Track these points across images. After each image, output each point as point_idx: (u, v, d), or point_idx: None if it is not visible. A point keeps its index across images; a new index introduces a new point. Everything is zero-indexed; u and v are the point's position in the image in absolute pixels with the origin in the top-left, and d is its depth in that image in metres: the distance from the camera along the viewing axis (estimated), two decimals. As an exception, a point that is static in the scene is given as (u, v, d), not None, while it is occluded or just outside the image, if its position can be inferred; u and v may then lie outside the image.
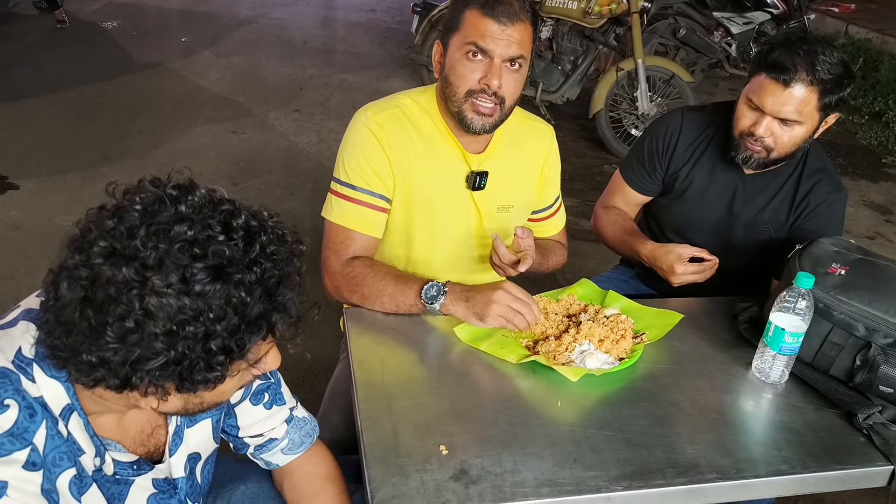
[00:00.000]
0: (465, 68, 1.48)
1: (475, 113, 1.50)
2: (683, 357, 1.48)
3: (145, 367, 0.81)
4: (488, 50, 1.46)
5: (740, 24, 5.37)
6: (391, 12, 8.38)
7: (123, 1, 7.37)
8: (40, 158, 3.96)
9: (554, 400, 1.31)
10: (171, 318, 0.79)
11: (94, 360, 0.81)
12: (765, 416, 1.36)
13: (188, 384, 0.84)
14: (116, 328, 0.79)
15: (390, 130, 1.56)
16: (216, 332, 0.81)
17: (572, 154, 4.70)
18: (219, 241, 0.81)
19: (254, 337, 0.85)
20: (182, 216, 0.82)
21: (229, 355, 0.83)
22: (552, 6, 4.78)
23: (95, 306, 0.79)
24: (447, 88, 1.52)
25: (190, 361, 0.81)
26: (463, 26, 1.48)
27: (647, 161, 1.90)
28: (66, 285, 0.81)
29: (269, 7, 8.02)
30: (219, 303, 0.80)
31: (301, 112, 5.10)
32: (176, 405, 0.92)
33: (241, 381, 0.95)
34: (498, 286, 1.45)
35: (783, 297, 1.38)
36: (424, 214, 1.62)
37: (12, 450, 0.85)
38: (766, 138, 1.64)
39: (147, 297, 0.78)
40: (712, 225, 1.86)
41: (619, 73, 4.56)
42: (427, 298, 1.46)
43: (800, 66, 1.56)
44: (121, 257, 0.79)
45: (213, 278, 0.79)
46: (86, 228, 0.83)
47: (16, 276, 2.92)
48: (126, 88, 5.17)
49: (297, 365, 2.50)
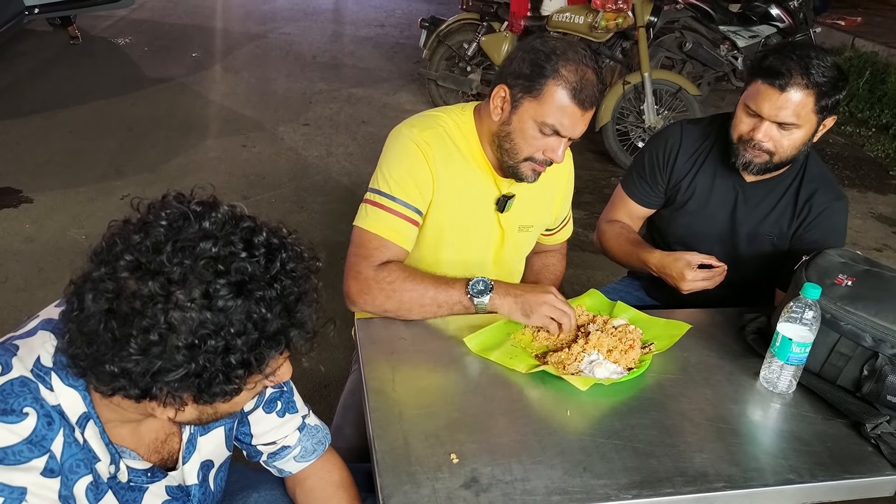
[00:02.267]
0: (537, 140, 1.52)
1: (531, 171, 1.57)
2: (691, 367, 1.49)
3: (165, 378, 0.83)
4: (563, 133, 1.50)
5: (746, 38, 5.38)
6: (399, 27, 8.45)
7: (135, 17, 7.46)
8: (54, 172, 4.01)
9: (563, 409, 1.32)
10: (193, 332, 0.81)
11: (115, 370, 0.83)
12: (773, 426, 1.37)
13: (206, 396, 0.86)
14: (140, 340, 0.81)
15: (436, 148, 1.58)
16: (236, 347, 0.83)
17: (579, 167, 4.66)
18: (241, 257, 0.83)
19: (272, 352, 0.87)
20: (206, 233, 0.84)
21: (248, 369, 0.85)
22: (559, 21, 4.81)
23: (120, 318, 0.81)
24: (507, 143, 1.55)
25: (209, 374, 0.83)
26: (546, 98, 1.47)
27: (648, 174, 1.92)
28: (90, 297, 0.83)
29: (279, 22, 8.10)
30: (240, 318, 0.82)
31: (310, 126, 5.14)
32: (191, 415, 0.94)
33: (254, 393, 0.97)
34: (548, 289, 1.53)
35: (790, 308, 1.39)
36: (453, 232, 1.65)
37: (31, 457, 0.87)
38: (765, 143, 1.66)
39: (171, 311, 0.81)
40: (715, 235, 1.87)
41: (626, 87, 4.58)
42: (475, 293, 1.51)
43: (794, 70, 1.59)
44: (146, 272, 0.81)
45: (234, 294, 0.82)
46: (111, 241, 0.85)
47: (29, 289, 2.96)
48: (138, 103, 5.23)
49: (309, 377, 2.52)
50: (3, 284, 2.98)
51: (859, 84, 6.21)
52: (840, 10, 7.80)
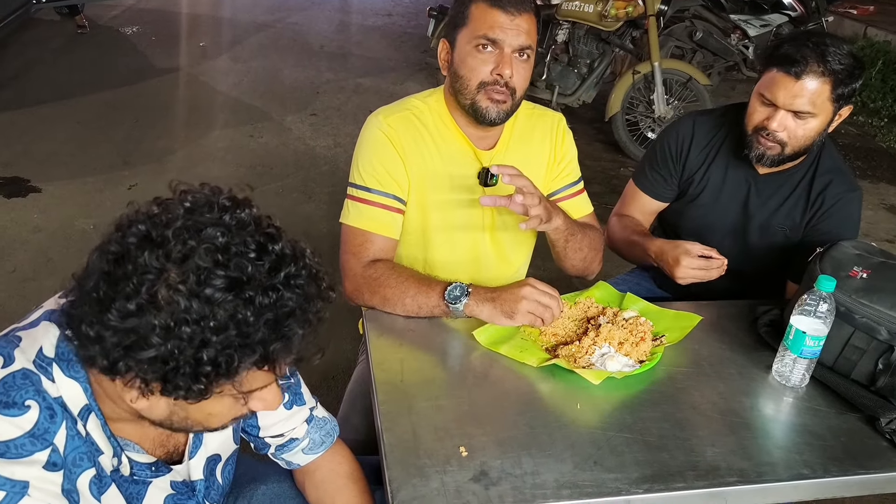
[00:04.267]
0: (476, 61, 1.50)
1: (489, 101, 1.52)
2: (703, 360, 1.48)
3: (136, 356, 0.81)
4: (498, 40, 1.48)
5: (757, 27, 5.33)
6: (407, 16, 8.41)
7: (143, 6, 7.45)
8: (61, 162, 4.02)
9: (573, 402, 1.31)
10: (172, 315, 0.79)
11: (92, 334, 0.82)
12: (785, 420, 1.36)
13: (170, 387, 0.84)
14: (119, 306, 0.80)
15: (403, 132, 1.58)
16: (210, 342, 0.80)
17: (588, 157, 4.68)
18: (247, 257, 0.82)
19: (246, 359, 0.83)
20: (221, 223, 0.83)
21: (216, 370, 0.82)
22: (568, 10, 4.77)
23: (111, 281, 0.81)
24: (457, 83, 1.54)
25: (177, 363, 0.81)
26: (471, 20, 1.50)
27: (660, 166, 1.89)
28: (97, 255, 0.84)
29: (287, 12, 8.07)
30: (223, 314, 0.80)
31: (317, 116, 5.13)
32: (161, 410, 0.91)
33: (231, 410, 0.93)
34: (524, 283, 1.46)
35: (804, 301, 1.37)
36: (439, 214, 1.63)
37: (33, 450, 0.86)
38: (779, 133, 1.63)
39: (159, 286, 0.79)
40: (727, 227, 1.85)
41: (636, 76, 4.55)
42: (450, 299, 1.46)
43: (810, 57, 1.56)
44: (150, 242, 0.81)
45: (226, 289, 0.80)
46: (135, 210, 0.86)
47: (37, 278, 2.96)
48: (145, 93, 5.23)
49: (315, 367, 2.51)
50: (11, 274, 2.99)
51: (872, 74, 6.14)
52: (852, -1, 7.71)
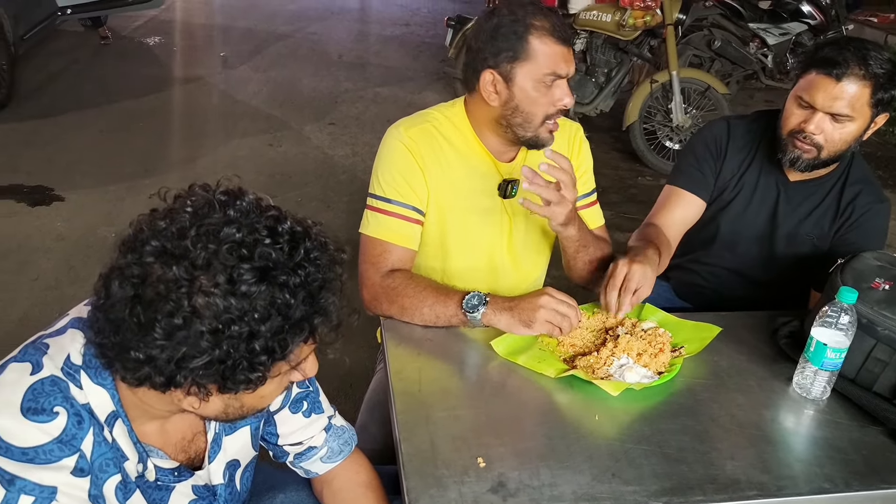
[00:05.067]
0: (544, 96, 1.51)
1: (549, 133, 1.56)
2: (722, 371, 1.46)
3: (190, 365, 0.82)
4: (563, 74, 1.50)
5: (777, 36, 5.30)
6: (425, 26, 8.46)
7: (165, 17, 7.56)
8: (84, 171, 4.08)
9: (591, 414, 1.31)
10: (216, 317, 0.80)
11: (141, 356, 0.82)
12: (806, 433, 1.34)
13: (230, 384, 0.85)
14: (164, 325, 0.80)
15: (423, 144, 1.59)
16: (260, 333, 0.82)
17: (605, 166, 4.68)
18: (265, 244, 0.83)
19: (296, 338, 0.86)
20: (231, 219, 0.84)
21: (272, 356, 0.84)
22: (586, 19, 4.78)
23: (145, 304, 0.81)
24: (518, 117, 1.53)
25: (234, 361, 0.83)
26: (534, 55, 1.48)
27: (700, 162, 1.84)
28: (117, 284, 0.83)
29: (306, 22, 8.15)
30: (263, 304, 0.82)
31: (336, 125, 5.16)
32: (216, 407, 0.93)
33: (280, 387, 0.96)
34: (541, 292, 1.46)
35: (825, 312, 1.36)
36: (458, 224, 1.64)
37: (61, 456, 0.87)
38: (816, 136, 1.62)
39: (195, 295, 0.80)
40: (755, 235, 1.84)
41: (654, 85, 4.54)
42: (468, 308, 1.46)
43: (851, 60, 1.55)
44: (171, 256, 0.81)
45: (258, 279, 0.81)
46: (138, 229, 0.86)
47: (59, 286, 3.01)
48: (166, 102, 5.30)
49: (333, 374, 2.52)
50: (34, 282, 3.04)
51: (893, 82, 6.07)
52: (873, 7, 7.63)
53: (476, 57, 1.53)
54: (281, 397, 1.16)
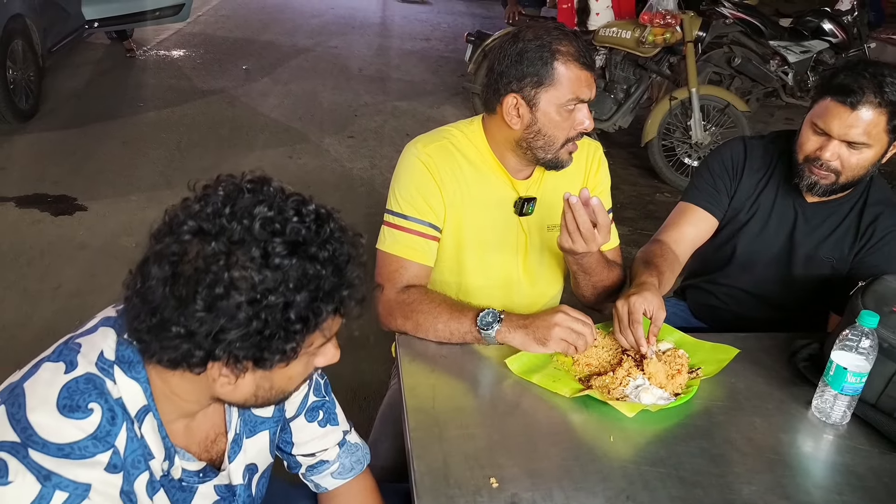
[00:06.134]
0: (566, 121, 1.52)
1: (569, 155, 1.57)
2: (740, 394, 1.45)
3: (228, 337, 0.85)
4: (586, 98, 1.52)
5: (797, 53, 5.27)
6: (445, 41, 8.51)
7: (189, 31, 7.68)
8: (107, 181, 4.13)
9: (606, 435, 1.30)
10: (253, 288, 0.84)
11: (182, 331, 0.85)
12: (825, 458, 1.32)
13: (266, 354, 0.88)
14: (205, 296, 0.83)
15: (440, 161, 1.60)
16: (294, 303, 0.86)
17: (624, 182, 4.67)
18: (294, 221, 0.88)
19: (328, 307, 0.89)
20: (261, 200, 0.89)
21: (306, 324, 0.88)
22: (606, 36, 4.78)
23: (184, 279, 0.84)
24: (540, 140, 1.54)
25: (270, 331, 0.86)
26: (558, 81, 1.49)
27: (716, 179, 1.82)
28: (155, 266, 0.86)
29: (327, 36, 8.23)
30: (296, 276, 0.86)
31: (355, 138, 5.20)
32: (247, 389, 0.95)
33: (307, 369, 0.98)
34: (557, 310, 1.46)
35: (846, 336, 1.34)
36: (474, 241, 1.64)
37: (96, 452, 0.89)
38: (832, 162, 1.61)
39: (232, 268, 0.84)
40: (772, 256, 1.82)
41: (673, 102, 4.53)
42: (482, 325, 1.46)
43: (867, 88, 1.54)
44: (207, 234, 0.85)
45: (290, 253, 0.86)
46: (172, 215, 0.89)
47: (81, 294, 3.04)
48: (188, 114, 5.36)
49: (348, 387, 2.53)
50: (56, 290, 3.08)
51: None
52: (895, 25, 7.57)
53: (499, 80, 1.53)
54: (300, 397, 1.19)
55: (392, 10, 10.27)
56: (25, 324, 2.82)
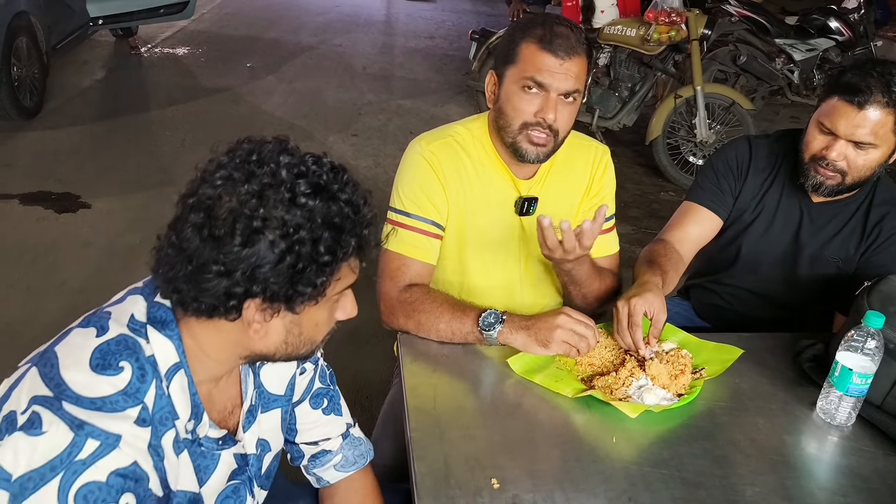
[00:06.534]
0: (521, 101, 1.50)
1: (529, 143, 1.52)
2: (743, 395, 1.44)
3: (263, 272, 0.90)
4: (545, 84, 1.48)
5: (803, 51, 5.24)
6: (449, 39, 8.50)
7: (194, 28, 7.67)
8: (111, 179, 4.14)
9: (608, 436, 1.29)
10: (284, 226, 0.90)
11: (221, 269, 0.90)
12: (830, 460, 1.31)
13: (300, 287, 0.92)
14: (242, 231, 0.89)
15: (444, 158, 1.59)
16: (322, 238, 0.92)
17: (628, 181, 4.65)
18: (314, 168, 0.95)
19: (353, 242, 0.96)
20: (283, 149, 0.96)
21: (334, 257, 0.93)
22: (610, 34, 4.77)
23: (221, 220, 0.90)
24: (501, 119, 1.54)
25: (302, 264, 0.91)
26: (520, 60, 1.49)
27: (720, 179, 1.81)
28: (192, 214, 0.91)
29: (331, 34, 8.22)
30: (320, 213, 0.92)
31: (359, 136, 5.19)
32: (278, 335, 0.99)
33: (329, 320, 1.04)
34: (559, 312, 1.45)
35: (851, 337, 1.33)
36: (477, 240, 1.64)
37: (126, 406, 0.92)
38: (838, 162, 1.60)
39: (264, 207, 0.90)
40: (777, 257, 1.80)
41: (678, 100, 4.51)
42: (484, 326, 1.46)
43: (874, 87, 1.52)
44: (238, 179, 0.92)
45: (314, 193, 0.92)
46: (202, 170, 0.96)
47: (85, 292, 3.05)
48: (193, 112, 5.36)
49: (351, 385, 2.52)
50: (60, 287, 3.08)
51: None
52: (903, 23, 7.53)
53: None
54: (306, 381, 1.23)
55: (397, 8, 10.25)
56: (29, 321, 2.82)
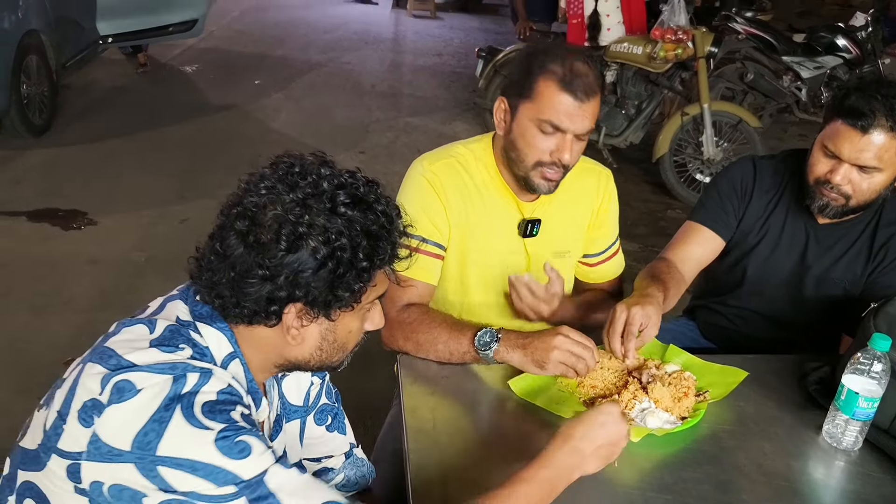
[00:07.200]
0: (536, 139, 1.48)
1: (542, 179, 1.53)
2: (748, 418, 1.42)
3: (305, 277, 0.95)
4: (564, 128, 1.46)
5: (811, 69, 5.24)
6: (457, 56, 8.54)
7: (203, 46, 7.74)
8: (118, 196, 4.16)
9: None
10: (326, 233, 0.95)
11: (266, 273, 0.94)
12: (836, 486, 1.29)
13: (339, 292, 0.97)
14: (287, 236, 0.94)
15: (446, 179, 1.58)
16: (361, 245, 0.97)
17: (635, 198, 4.64)
18: (351, 181, 1.01)
19: (389, 249, 1.02)
20: (323, 162, 1.03)
21: (371, 264, 0.99)
22: (617, 51, 4.78)
23: (265, 227, 0.95)
24: (513, 152, 1.53)
25: (343, 269, 0.96)
26: (537, 97, 1.46)
27: (724, 199, 1.79)
28: (236, 223, 0.96)
29: (340, 51, 8.28)
30: (359, 222, 0.98)
31: (366, 154, 5.21)
32: (313, 342, 1.03)
33: (360, 329, 1.09)
34: (556, 331, 1.42)
35: (857, 359, 1.32)
36: (478, 261, 1.63)
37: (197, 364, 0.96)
38: (843, 186, 1.58)
39: (308, 215, 0.95)
40: (783, 278, 1.78)
41: (685, 118, 4.51)
42: (480, 345, 1.44)
43: (878, 111, 1.50)
44: (283, 190, 0.97)
45: (352, 204, 0.98)
46: (246, 181, 1.01)
47: (90, 310, 3.05)
48: (201, 129, 5.40)
49: (353, 406, 2.50)
50: (66, 304, 3.09)
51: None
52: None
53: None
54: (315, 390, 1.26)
55: (405, 26, 10.33)
56: (34, 339, 2.83)
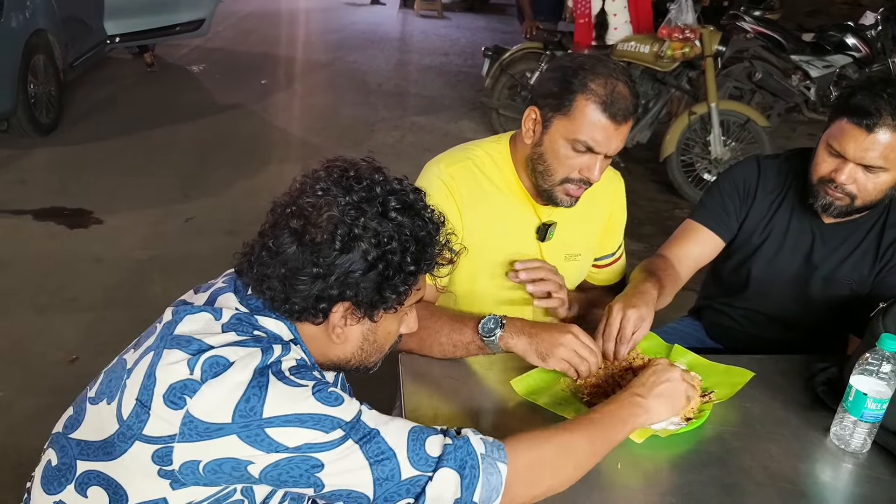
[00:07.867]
0: (569, 158, 1.47)
1: (566, 195, 1.52)
2: (754, 419, 1.40)
3: (356, 276, 0.99)
4: (598, 150, 1.45)
5: (820, 68, 5.20)
6: (463, 56, 8.53)
7: (209, 45, 7.76)
8: (124, 195, 4.17)
9: (613, 462, 1.25)
10: (377, 236, 0.99)
11: (320, 271, 0.98)
12: (843, 489, 1.27)
13: (386, 293, 1.02)
14: (342, 236, 0.98)
15: (462, 182, 1.57)
16: (409, 249, 1.02)
17: (641, 198, 4.61)
18: (400, 188, 1.05)
19: (433, 255, 1.06)
20: (376, 168, 1.07)
21: (418, 267, 1.03)
22: (624, 50, 4.76)
23: (321, 228, 0.99)
24: (541, 165, 1.51)
25: (391, 271, 1.01)
26: (575, 114, 1.43)
27: (726, 200, 1.77)
28: (290, 221, 0.99)
29: (346, 51, 8.29)
30: (408, 227, 1.02)
31: (373, 153, 5.18)
32: (355, 342, 1.08)
33: (396, 331, 1.13)
34: (567, 328, 1.40)
35: (865, 360, 1.30)
36: (491, 265, 1.61)
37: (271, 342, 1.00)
38: (847, 185, 1.56)
39: (362, 218, 0.99)
40: (788, 278, 1.76)
41: (692, 117, 4.48)
42: (484, 332, 1.42)
43: (884, 110, 1.48)
44: (338, 193, 1.00)
45: (402, 210, 1.02)
46: (301, 182, 1.04)
47: (95, 308, 3.05)
48: (207, 128, 5.41)
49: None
50: (71, 303, 3.09)
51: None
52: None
53: (533, 90, 1.53)
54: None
55: (411, 26, 10.33)
56: (39, 337, 2.83)
